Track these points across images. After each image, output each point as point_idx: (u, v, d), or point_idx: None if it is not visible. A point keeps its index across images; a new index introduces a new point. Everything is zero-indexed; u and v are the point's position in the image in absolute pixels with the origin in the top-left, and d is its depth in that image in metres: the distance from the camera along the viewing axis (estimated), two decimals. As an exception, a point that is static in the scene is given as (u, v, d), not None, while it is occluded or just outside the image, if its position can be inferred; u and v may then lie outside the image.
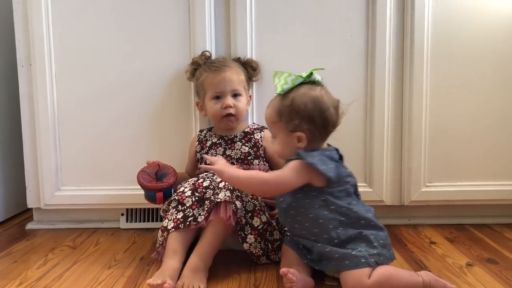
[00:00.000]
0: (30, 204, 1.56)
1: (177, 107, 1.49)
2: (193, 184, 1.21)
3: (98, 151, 1.51)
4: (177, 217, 1.16)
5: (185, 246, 1.15)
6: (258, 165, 1.34)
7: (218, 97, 1.34)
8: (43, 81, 1.48)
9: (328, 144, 1.13)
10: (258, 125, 1.41)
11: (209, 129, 1.43)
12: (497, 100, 1.48)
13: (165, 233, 1.17)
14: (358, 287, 0.97)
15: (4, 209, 1.65)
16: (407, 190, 1.50)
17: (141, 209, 1.57)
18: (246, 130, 1.38)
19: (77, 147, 1.52)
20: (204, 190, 1.19)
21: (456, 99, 1.48)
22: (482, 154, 1.50)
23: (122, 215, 1.57)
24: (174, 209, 1.18)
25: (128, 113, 1.50)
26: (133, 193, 1.49)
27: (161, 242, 1.18)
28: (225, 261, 1.18)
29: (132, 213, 1.57)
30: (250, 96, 1.42)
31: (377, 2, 1.44)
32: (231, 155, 1.34)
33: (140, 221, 1.57)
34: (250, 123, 1.46)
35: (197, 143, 1.40)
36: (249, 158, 1.33)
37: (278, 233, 1.22)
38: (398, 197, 1.52)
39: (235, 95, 1.34)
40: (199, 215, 1.15)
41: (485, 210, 1.54)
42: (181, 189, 1.21)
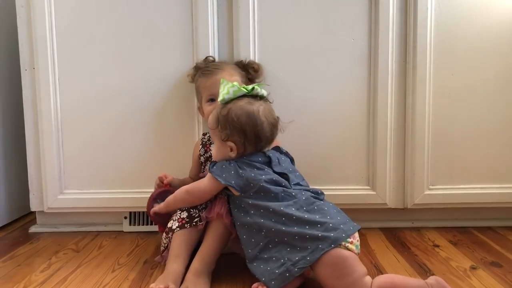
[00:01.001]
0: (33, 207, 1.56)
1: (180, 111, 1.49)
2: None
3: (101, 154, 1.51)
4: (182, 216, 1.16)
5: (189, 250, 1.15)
6: None
7: (212, 100, 1.34)
8: (47, 85, 1.48)
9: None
10: None
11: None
12: (500, 103, 1.48)
13: (170, 234, 1.16)
14: None
15: (7, 212, 1.65)
16: (410, 193, 1.50)
17: (144, 212, 1.56)
18: None
19: (80, 151, 1.52)
20: None
21: (459, 102, 1.48)
22: (486, 156, 1.50)
23: (125, 218, 1.57)
24: (178, 210, 1.19)
25: (131, 117, 1.50)
26: (136, 196, 1.50)
27: (165, 245, 1.18)
28: (229, 264, 1.18)
29: (135, 216, 1.57)
30: None
31: (379, 5, 1.44)
32: None
33: (143, 224, 1.57)
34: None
35: (200, 146, 1.40)
36: None
37: None
38: (401, 200, 1.51)
39: None
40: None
41: (488, 212, 1.54)
42: None
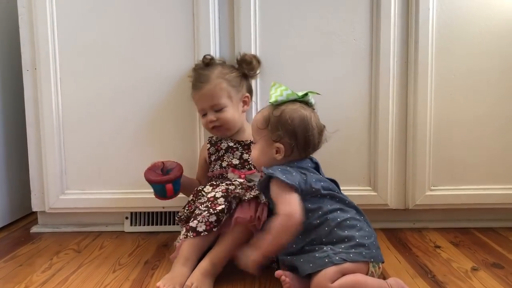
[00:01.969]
0: (34, 207, 1.56)
1: (181, 111, 1.49)
2: (226, 190, 1.18)
3: (102, 155, 1.52)
4: (211, 220, 1.13)
5: (200, 254, 1.13)
6: None
7: (204, 114, 1.37)
8: (48, 85, 1.49)
9: None
10: None
11: None
12: (502, 104, 1.48)
13: (191, 233, 1.13)
14: None
15: (8, 212, 1.65)
16: (412, 194, 1.50)
17: (145, 212, 1.57)
18: None
19: (81, 151, 1.52)
20: (237, 193, 1.17)
21: (461, 103, 1.48)
22: (487, 157, 1.49)
23: (127, 218, 1.57)
24: (206, 212, 1.14)
25: (133, 117, 1.50)
26: (137, 196, 1.50)
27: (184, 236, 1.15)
28: (229, 265, 1.18)
29: (136, 217, 1.57)
30: (247, 97, 1.41)
31: (381, 5, 1.44)
32: (248, 159, 1.34)
33: (145, 225, 1.57)
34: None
35: (209, 145, 1.40)
36: None
37: None
38: (402, 200, 1.51)
39: (217, 110, 1.34)
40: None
41: (490, 213, 1.54)
42: (212, 194, 1.18)
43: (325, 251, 1.02)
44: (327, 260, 0.99)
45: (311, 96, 1.15)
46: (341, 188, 1.18)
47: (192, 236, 1.13)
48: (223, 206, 1.14)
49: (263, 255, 1.05)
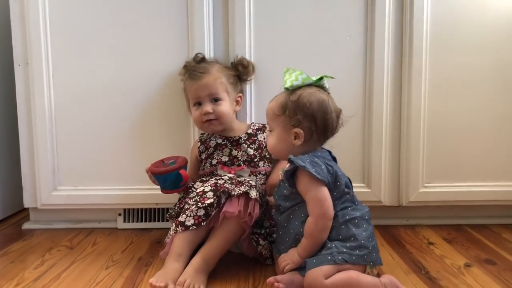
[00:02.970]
0: (26, 204, 1.55)
1: (174, 108, 1.48)
2: (214, 184, 1.17)
3: (95, 151, 1.50)
4: (199, 214, 1.13)
5: (192, 250, 1.13)
6: (263, 166, 1.34)
7: (198, 103, 1.34)
8: (40, 80, 1.47)
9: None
10: (259, 125, 1.41)
11: None
12: (496, 100, 1.48)
13: (180, 228, 1.13)
14: (313, 285, 0.98)
15: (0, 208, 1.64)
16: (405, 191, 1.50)
17: (138, 209, 1.56)
18: (249, 132, 1.37)
19: (74, 147, 1.51)
20: (226, 188, 1.16)
21: (455, 99, 1.48)
22: (481, 154, 1.50)
23: (120, 215, 1.56)
24: (194, 206, 1.14)
25: (125, 113, 1.49)
26: (130, 193, 1.49)
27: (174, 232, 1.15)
28: (224, 261, 1.17)
29: (129, 213, 1.56)
30: (240, 97, 1.41)
31: (376, 2, 1.44)
32: (238, 156, 1.34)
33: (138, 221, 1.56)
34: (249, 122, 1.46)
35: (199, 143, 1.39)
36: (255, 160, 1.33)
37: None
38: (396, 197, 1.51)
39: (215, 99, 1.33)
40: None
41: (483, 210, 1.55)
42: (201, 189, 1.18)
43: (330, 248, 1.01)
44: (329, 257, 0.99)
45: (325, 80, 1.12)
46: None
47: (181, 231, 1.12)
48: (211, 200, 1.13)
49: (303, 259, 1.04)
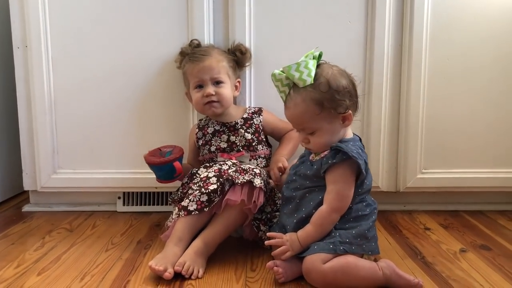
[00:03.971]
0: (26, 186, 1.55)
1: (173, 93, 1.48)
2: (218, 170, 1.18)
3: (95, 134, 1.51)
4: (202, 199, 1.13)
5: (193, 235, 1.14)
6: (262, 149, 1.35)
7: (200, 86, 1.34)
8: (40, 64, 1.47)
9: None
10: (255, 108, 1.41)
11: (208, 117, 1.42)
12: (495, 88, 1.48)
13: (182, 212, 1.13)
14: (311, 269, 0.99)
15: (0, 191, 1.64)
16: (403, 177, 1.51)
17: (138, 192, 1.57)
18: (245, 116, 1.37)
19: (74, 130, 1.51)
20: (230, 176, 1.16)
21: (454, 87, 1.48)
22: (478, 141, 1.51)
23: (119, 198, 1.57)
24: (198, 191, 1.14)
25: (125, 97, 1.49)
26: (130, 176, 1.50)
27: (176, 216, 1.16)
28: (222, 246, 1.18)
29: (129, 197, 1.57)
30: (239, 82, 1.41)
31: (377, -13, 1.43)
32: (236, 141, 1.34)
33: (137, 205, 1.57)
34: (247, 106, 1.46)
35: (197, 129, 1.39)
36: (253, 144, 1.34)
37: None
38: (394, 183, 1.52)
39: (217, 82, 1.33)
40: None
41: (479, 197, 1.56)
42: (205, 174, 1.18)
43: (333, 236, 1.02)
44: (331, 246, 1.00)
45: (313, 53, 1.06)
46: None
47: (183, 215, 1.13)
48: (215, 186, 1.14)
49: (303, 247, 1.03)
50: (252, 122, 1.36)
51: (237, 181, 1.14)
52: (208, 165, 1.27)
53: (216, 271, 1.09)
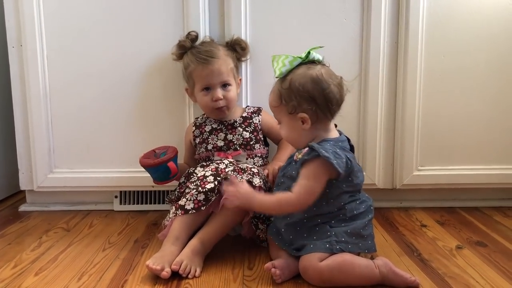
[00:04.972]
0: (23, 186, 1.55)
1: (170, 89, 1.48)
2: (215, 168, 1.18)
3: (91, 133, 1.50)
4: (199, 198, 1.14)
5: (190, 234, 1.14)
6: (259, 148, 1.35)
7: (207, 88, 1.32)
8: (35, 62, 1.46)
9: (339, 131, 1.12)
10: (254, 108, 1.41)
11: (205, 115, 1.41)
12: (491, 86, 1.49)
13: (179, 211, 1.14)
14: (308, 267, 0.99)
15: (-4, 190, 1.65)
16: (399, 174, 1.51)
17: (135, 191, 1.57)
18: (244, 115, 1.37)
19: (70, 129, 1.51)
20: (228, 175, 1.16)
21: (450, 84, 1.48)
22: (474, 138, 1.51)
23: (116, 197, 1.57)
24: (195, 190, 1.15)
25: (121, 95, 1.48)
26: (127, 175, 1.50)
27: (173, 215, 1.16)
28: (219, 244, 1.19)
29: (126, 196, 1.57)
30: (240, 80, 1.41)
31: (372, -15, 1.43)
32: (233, 140, 1.34)
33: (134, 204, 1.57)
34: (244, 105, 1.46)
35: (194, 128, 1.39)
36: (251, 143, 1.34)
37: None
38: (390, 180, 1.53)
39: (224, 85, 1.32)
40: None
41: (475, 193, 1.57)
42: (202, 173, 1.18)
43: (329, 236, 1.02)
44: (328, 245, 1.00)
45: (314, 53, 1.08)
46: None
47: (180, 214, 1.13)
48: (212, 185, 1.14)
49: (256, 206, 1.05)
50: (251, 121, 1.36)
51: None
52: (205, 164, 1.27)
53: (214, 270, 1.09)
